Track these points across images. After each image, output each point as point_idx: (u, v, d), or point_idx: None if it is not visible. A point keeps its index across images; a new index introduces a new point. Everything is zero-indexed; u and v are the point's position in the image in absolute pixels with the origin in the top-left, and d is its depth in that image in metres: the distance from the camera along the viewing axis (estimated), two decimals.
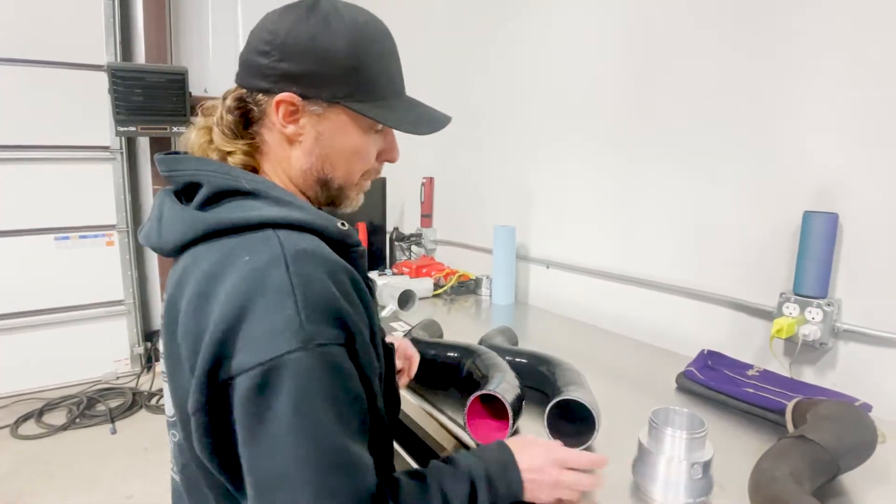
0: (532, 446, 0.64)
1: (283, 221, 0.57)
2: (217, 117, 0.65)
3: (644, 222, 1.27)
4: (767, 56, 1.02)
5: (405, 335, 1.01)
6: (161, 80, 2.81)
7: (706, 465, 0.61)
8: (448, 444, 0.83)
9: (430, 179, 2.07)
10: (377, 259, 2.08)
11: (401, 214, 2.42)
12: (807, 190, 0.98)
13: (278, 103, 0.61)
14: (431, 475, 0.59)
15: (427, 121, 0.69)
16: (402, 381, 0.89)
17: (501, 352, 0.93)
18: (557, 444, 0.65)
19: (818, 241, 0.93)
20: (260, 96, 0.62)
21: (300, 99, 0.62)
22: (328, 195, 0.69)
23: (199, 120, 0.67)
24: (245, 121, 0.64)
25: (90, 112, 3.16)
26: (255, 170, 0.66)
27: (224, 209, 0.59)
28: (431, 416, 0.86)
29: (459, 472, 0.59)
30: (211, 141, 0.65)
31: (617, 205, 1.34)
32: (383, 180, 2.15)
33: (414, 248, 2.10)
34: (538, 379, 0.88)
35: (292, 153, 0.65)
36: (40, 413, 2.89)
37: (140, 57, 3.16)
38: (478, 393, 0.69)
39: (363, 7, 0.65)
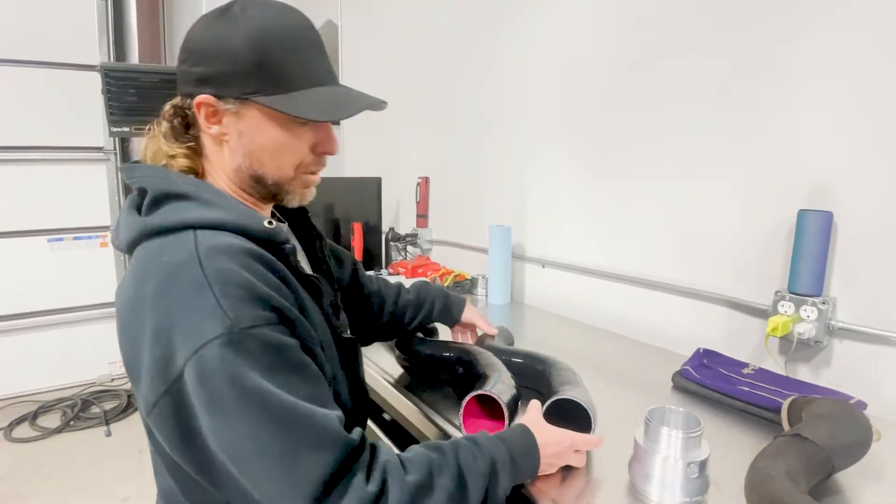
0: (553, 429, 0.69)
1: (204, 222, 0.61)
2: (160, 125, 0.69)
3: (640, 221, 1.27)
4: (763, 55, 1.02)
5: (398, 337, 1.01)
6: (155, 80, 2.80)
7: (702, 465, 0.61)
8: (432, 435, 0.83)
9: (426, 179, 2.07)
10: (373, 259, 2.08)
11: (396, 214, 2.42)
12: (801, 188, 0.98)
13: (198, 106, 0.65)
14: (446, 448, 0.61)
15: (342, 106, 0.66)
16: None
17: (497, 352, 0.93)
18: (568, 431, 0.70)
19: (813, 240, 0.93)
20: (189, 101, 0.65)
21: (215, 99, 0.64)
22: (267, 191, 0.70)
23: (153, 129, 0.70)
24: (186, 126, 0.68)
25: (83, 112, 3.14)
26: (198, 172, 0.69)
27: (161, 212, 0.62)
28: (427, 416, 0.85)
29: (481, 452, 0.62)
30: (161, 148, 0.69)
31: (613, 204, 1.34)
32: (378, 180, 2.15)
33: (409, 248, 2.09)
34: (534, 379, 0.88)
35: (224, 153, 0.68)
36: (35, 416, 2.87)
37: (133, 57, 3.14)
38: (473, 393, 0.69)
39: (296, 5, 0.66)
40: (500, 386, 0.73)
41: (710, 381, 0.91)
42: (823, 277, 0.94)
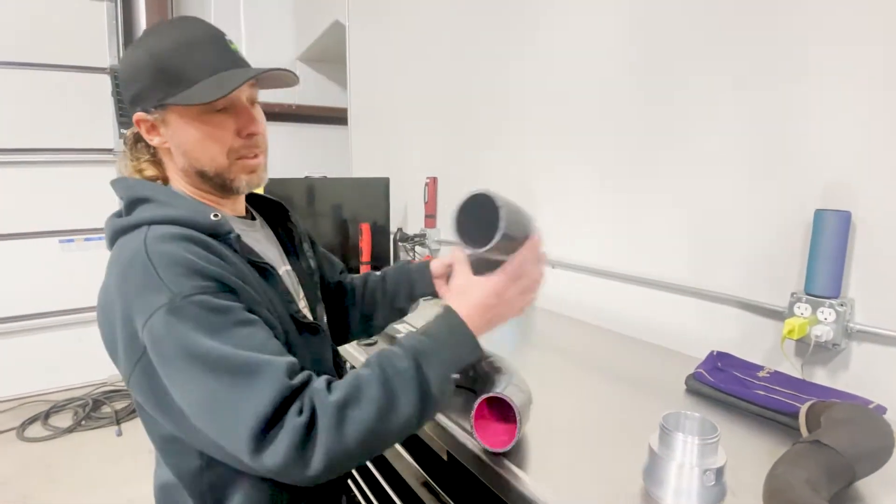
0: (467, 292, 0.70)
1: (157, 219, 0.69)
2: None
3: (651, 222, 1.26)
4: (778, 54, 1.00)
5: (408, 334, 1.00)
6: None
7: (719, 472, 0.59)
8: (448, 444, 0.82)
9: (434, 179, 2.06)
10: (381, 260, 2.07)
11: (404, 215, 2.41)
12: (817, 187, 0.96)
13: (137, 123, 0.75)
14: (373, 360, 0.65)
15: (227, 82, 0.70)
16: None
17: None
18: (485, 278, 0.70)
19: (830, 240, 0.91)
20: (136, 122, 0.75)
21: (144, 114, 0.73)
22: (213, 183, 0.77)
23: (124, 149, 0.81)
24: (145, 143, 0.77)
25: (94, 114, 3.17)
26: (164, 179, 0.79)
27: (129, 215, 0.72)
28: (436, 422, 0.84)
29: (404, 350, 0.65)
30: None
31: (623, 204, 1.32)
32: (386, 181, 2.14)
33: (418, 248, 2.09)
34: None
35: (172, 159, 0.77)
36: (46, 415, 2.90)
37: None
38: (484, 396, 0.68)
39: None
40: (512, 388, 0.72)
41: (724, 385, 0.89)
42: (841, 278, 0.92)
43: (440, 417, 0.84)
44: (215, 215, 0.71)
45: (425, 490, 1.11)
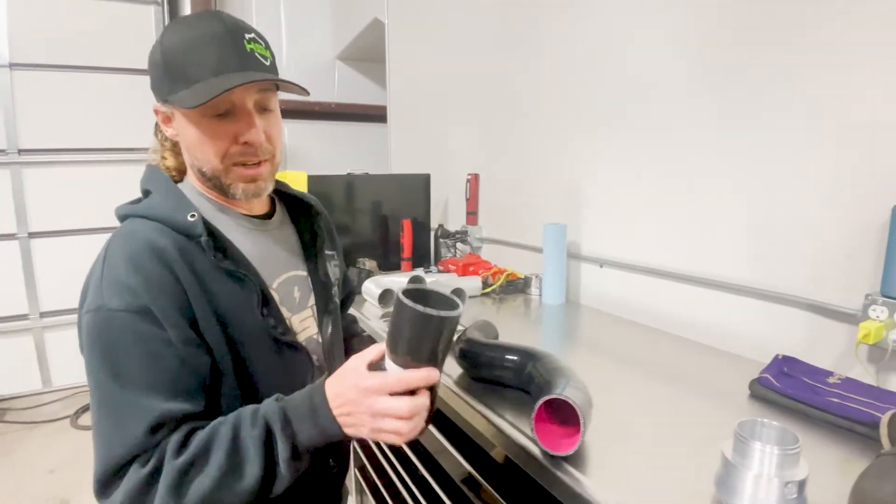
0: (342, 375, 0.64)
1: (140, 213, 0.72)
2: None
3: (708, 217, 1.20)
4: (851, 40, 0.94)
5: (459, 336, 0.99)
6: None
7: (801, 485, 0.55)
8: (498, 441, 0.81)
9: (476, 176, 2.04)
10: (422, 256, 2.07)
11: (445, 212, 2.40)
12: (894, 183, 0.90)
13: (155, 112, 0.76)
14: (230, 420, 0.64)
15: (214, 88, 0.67)
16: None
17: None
18: (373, 374, 0.61)
19: None
20: None
21: (160, 104, 0.74)
22: (213, 184, 0.77)
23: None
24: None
25: (140, 114, 3.27)
26: (184, 170, 0.81)
27: (131, 205, 0.76)
28: (484, 416, 0.83)
29: (258, 417, 0.63)
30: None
31: (677, 199, 1.27)
32: (427, 177, 2.13)
33: (459, 245, 2.07)
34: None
35: (183, 152, 0.78)
36: None
37: None
38: (546, 398, 0.66)
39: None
40: (571, 390, 0.70)
41: (793, 391, 0.84)
42: None
43: (491, 415, 0.82)
44: (192, 216, 0.71)
45: (466, 486, 1.10)
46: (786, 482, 0.55)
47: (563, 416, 0.71)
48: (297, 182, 1.84)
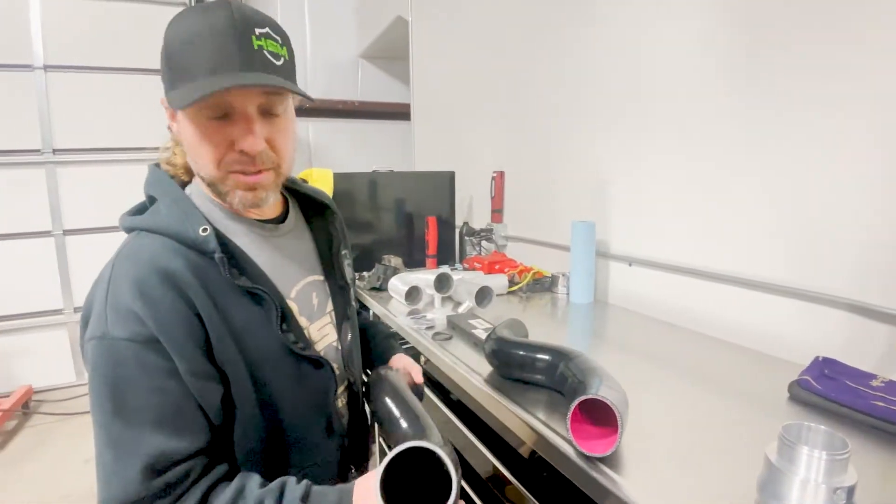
0: (371, 493, 0.60)
1: (147, 226, 0.68)
2: None
3: (743, 214, 1.17)
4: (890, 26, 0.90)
5: (489, 334, 0.98)
6: None
7: (850, 491, 0.54)
8: (530, 440, 0.80)
9: (501, 174, 2.03)
10: (446, 254, 2.07)
11: (469, 209, 2.39)
12: None
13: (162, 103, 0.70)
14: (249, 500, 0.60)
15: (202, 88, 0.61)
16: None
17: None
18: None
19: None
20: None
21: (164, 100, 0.69)
22: (212, 190, 0.72)
23: None
24: None
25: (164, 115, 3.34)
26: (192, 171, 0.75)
27: (136, 216, 0.72)
28: (517, 415, 0.82)
29: None
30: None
31: (711, 195, 1.24)
32: (452, 174, 2.13)
33: (484, 243, 2.07)
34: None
35: (185, 151, 0.72)
36: None
37: None
38: (582, 398, 0.65)
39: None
40: (605, 390, 0.69)
41: (835, 394, 0.82)
42: None
43: (523, 414, 0.82)
44: (204, 230, 0.66)
45: (491, 483, 1.10)
46: (834, 488, 0.53)
47: (598, 416, 0.70)
48: (324, 180, 1.85)
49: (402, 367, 0.97)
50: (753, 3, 1.12)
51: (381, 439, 1.55)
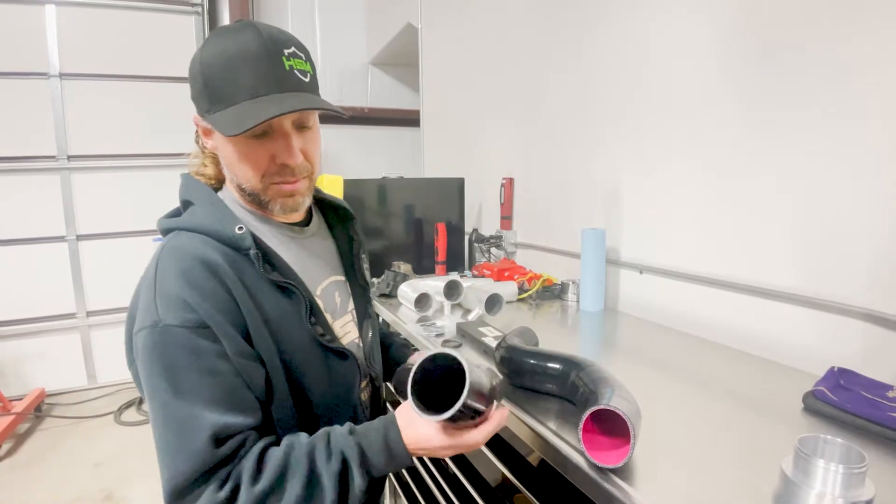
0: (423, 426, 0.67)
1: (186, 226, 0.73)
2: None
3: (756, 220, 1.16)
4: None
5: (499, 342, 0.98)
6: None
7: None
8: (541, 450, 0.79)
9: (510, 180, 2.03)
10: (456, 260, 2.07)
11: (479, 216, 2.40)
12: None
13: (195, 123, 0.76)
14: (304, 448, 0.65)
15: (247, 118, 0.66)
16: None
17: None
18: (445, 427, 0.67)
19: None
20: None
21: (199, 117, 0.74)
22: (252, 199, 0.77)
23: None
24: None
25: (182, 121, 3.38)
26: (223, 179, 0.80)
27: (173, 218, 0.77)
28: (527, 424, 0.82)
29: (334, 450, 0.65)
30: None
31: (722, 201, 1.23)
32: (461, 181, 2.13)
33: (493, 250, 2.06)
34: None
35: (223, 166, 0.78)
36: (140, 401, 3.11)
37: None
38: (594, 408, 0.65)
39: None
40: (618, 400, 0.68)
41: (852, 406, 0.81)
42: None
43: (534, 423, 0.81)
44: (240, 228, 0.72)
45: (500, 491, 1.09)
46: (851, 502, 0.52)
47: (610, 426, 0.69)
48: (334, 186, 1.86)
49: None
50: (764, 8, 1.11)
51: None
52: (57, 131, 3.18)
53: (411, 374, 0.63)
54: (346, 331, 0.89)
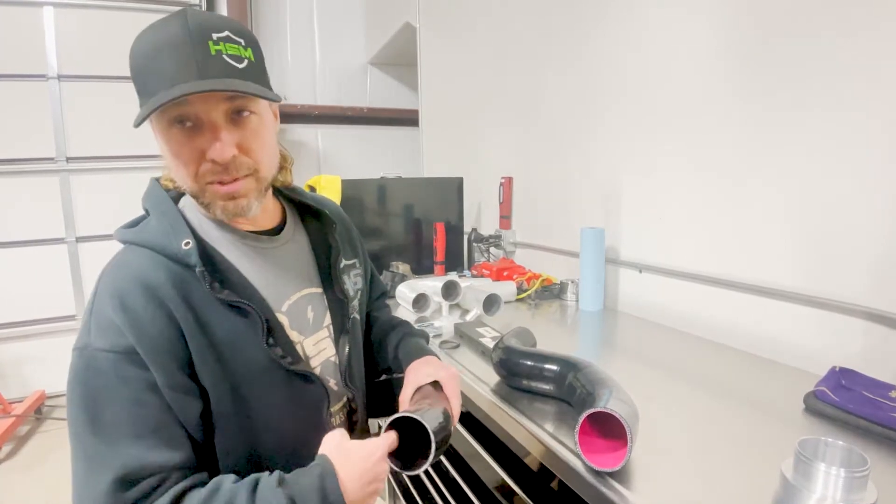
0: (350, 455, 0.62)
1: (135, 240, 0.69)
2: None
3: (756, 219, 1.15)
4: None
5: (497, 343, 0.97)
6: None
7: None
8: (538, 453, 0.78)
9: (509, 180, 2.02)
10: (454, 260, 2.06)
11: (478, 215, 2.38)
12: None
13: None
14: (221, 497, 0.58)
15: (158, 101, 0.60)
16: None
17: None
18: (371, 445, 0.63)
19: None
20: None
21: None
22: (197, 202, 0.71)
23: None
24: None
25: None
26: None
27: (129, 229, 0.73)
28: (523, 426, 0.81)
29: (257, 499, 0.58)
30: None
31: (722, 200, 1.22)
32: (460, 180, 2.12)
33: (492, 249, 2.05)
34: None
35: None
36: None
37: None
38: (590, 410, 0.64)
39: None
40: (615, 402, 0.67)
41: (853, 406, 0.79)
42: None
43: (530, 426, 0.80)
44: (186, 243, 0.66)
45: (499, 493, 1.08)
46: None
47: (608, 429, 0.68)
48: (332, 186, 1.85)
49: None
50: (764, 9, 1.10)
51: None
52: (56, 133, 3.17)
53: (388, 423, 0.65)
54: (321, 348, 0.82)
